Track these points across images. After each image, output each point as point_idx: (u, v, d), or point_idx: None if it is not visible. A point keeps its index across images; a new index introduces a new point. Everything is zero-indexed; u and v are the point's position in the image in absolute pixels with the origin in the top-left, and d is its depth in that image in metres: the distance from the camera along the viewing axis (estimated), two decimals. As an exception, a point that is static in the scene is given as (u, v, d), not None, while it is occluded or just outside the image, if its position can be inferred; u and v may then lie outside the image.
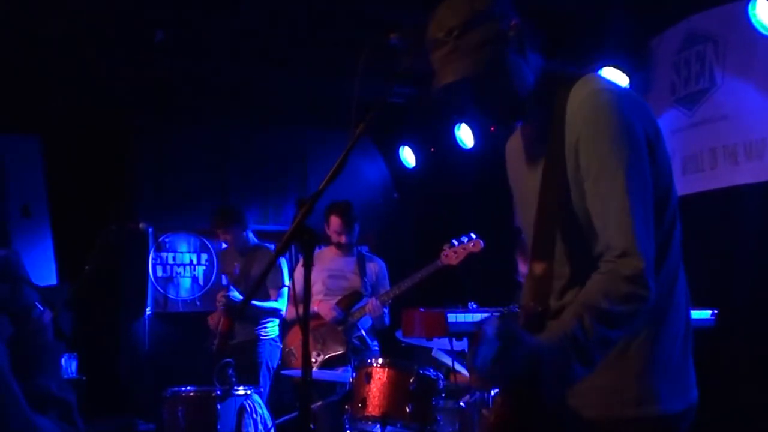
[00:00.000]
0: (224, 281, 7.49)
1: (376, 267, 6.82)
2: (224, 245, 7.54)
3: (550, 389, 2.35)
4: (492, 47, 2.39)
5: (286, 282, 7.07)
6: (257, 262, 7.18)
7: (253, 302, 6.93)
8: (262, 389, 6.42)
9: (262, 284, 7.01)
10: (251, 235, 7.34)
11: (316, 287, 6.59)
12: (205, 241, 8.91)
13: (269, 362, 7.12)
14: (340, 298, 6.59)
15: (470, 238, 6.18)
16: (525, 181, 2.59)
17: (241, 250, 7.27)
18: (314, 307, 6.48)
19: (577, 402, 2.38)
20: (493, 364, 2.13)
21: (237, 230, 7.17)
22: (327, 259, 6.72)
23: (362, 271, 6.72)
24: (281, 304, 7.02)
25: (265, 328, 7.14)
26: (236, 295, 6.95)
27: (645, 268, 2.17)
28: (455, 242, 6.18)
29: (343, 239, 6.65)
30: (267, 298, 7.00)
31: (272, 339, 7.19)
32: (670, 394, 2.34)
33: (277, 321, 7.20)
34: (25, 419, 2.33)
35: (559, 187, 2.36)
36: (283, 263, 7.20)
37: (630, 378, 2.33)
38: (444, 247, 6.21)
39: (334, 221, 6.63)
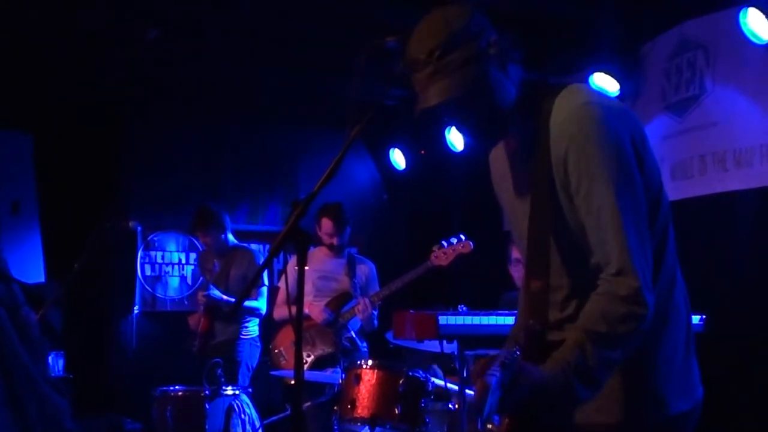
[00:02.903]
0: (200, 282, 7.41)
1: (365, 269, 6.83)
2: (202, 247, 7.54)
3: (555, 414, 2.38)
4: (474, 66, 2.37)
5: (265, 281, 7.08)
6: (236, 262, 7.17)
7: (234, 301, 6.97)
8: (250, 389, 6.42)
9: (242, 284, 7.05)
10: (230, 236, 7.33)
11: (306, 288, 6.54)
12: (194, 240, 8.87)
13: (248, 362, 7.11)
14: (329, 299, 6.61)
15: (459, 239, 6.20)
16: (512, 195, 2.59)
17: (220, 252, 7.25)
18: (305, 310, 6.48)
19: (584, 408, 2.39)
20: (500, 400, 2.17)
21: (216, 232, 7.14)
22: (317, 260, 6.72)
23: (352, 273, 6.73)
24: (261, 303, 7.04)
25: (246, 327, 7.14)
26: (216, 293, 6.95)
27: (641, 286, 2.20)
28: (444, 243, 6.20)
29: (334, 241, 6.65)
30: (247, 298, 7.00)
31: (252, 338, 7.19)
32: (676, 395, 2.37)
33: (257, 320, 7.22)
34: (31, 380, 2.38)
35: (548, 203, 2.37)
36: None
37: (636, 382, 2.36)
38: (433, 248, 6.23)
39: (326, 223, 6.64)
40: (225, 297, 6.97)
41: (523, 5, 6.16)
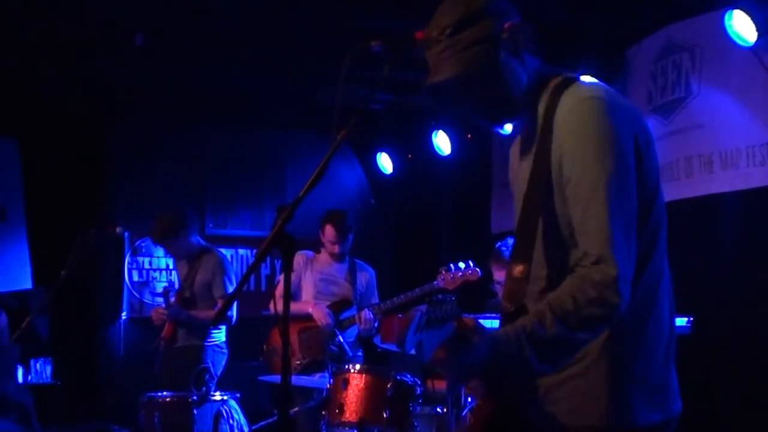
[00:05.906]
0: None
1: (366, 276, 6.86)
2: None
3: (508, 380, 2.38)
4: (482, 46, 2.39)
5: (229, 289, 6.84)
6: (202, 268, 6.96)
7: (199, 316, 6.85)
8: (238, 394, 6.37)
9: (208, 292, 6.92)
10: (196, 239, 7.14)
11: (307, 290, 6.69)
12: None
13: (212, 369, 6.99)
14: (331, 303, 6.61)
15: (468, 266, 6.23)
16: (518, 184, 2.59)
17: (188, 257, 7.07)
18: (309, 309, 6.51)
19: (553, 409, 2.38)
20: (451, 356, 2.17)
21: (175, 240, 6.94)
22: (321, 263, 6.78)
23: (353, 279, 6.74)
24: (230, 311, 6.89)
25: (210, 333, 6.97)
26: (174, 309, 6.85)
27: (618, 276, 2.16)
28: (453, 267, 6.22)
29: (336, 249, 6.67)
30: (214, 306, 6.88)
31: (217, 345, 6.99)
32: (646, 406, 2.32)
33: (224, 327, 7.06)
34: None
35: (541, 190, 2.36)
36: (230, 269, 7.11)
37: (606, 387, 2.31)
38: (441, 270, 6.25)
39: (330, 231, 6.64)
40: (183, 311, 6.84)
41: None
